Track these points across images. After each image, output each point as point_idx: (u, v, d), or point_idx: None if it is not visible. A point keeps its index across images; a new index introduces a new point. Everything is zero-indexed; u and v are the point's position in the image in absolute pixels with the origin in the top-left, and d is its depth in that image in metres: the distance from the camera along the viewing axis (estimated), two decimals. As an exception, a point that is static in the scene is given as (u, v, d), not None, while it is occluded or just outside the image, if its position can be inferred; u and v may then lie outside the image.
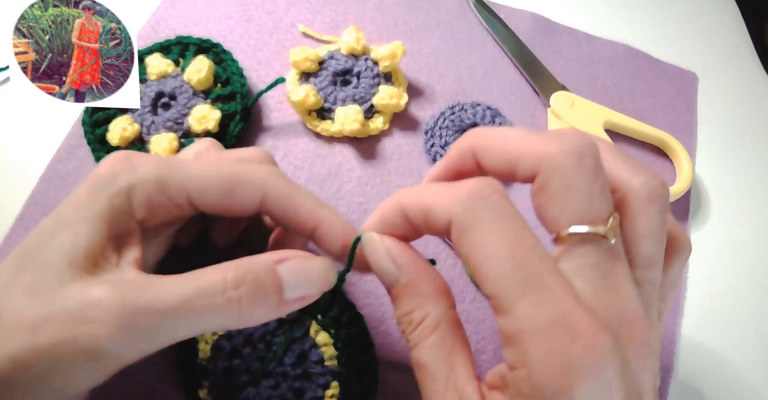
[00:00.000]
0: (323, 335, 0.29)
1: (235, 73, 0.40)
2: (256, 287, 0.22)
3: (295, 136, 0.41)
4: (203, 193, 0.25)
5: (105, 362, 0.21)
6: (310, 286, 0.23)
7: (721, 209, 0.42)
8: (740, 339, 0.37)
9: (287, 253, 0.24)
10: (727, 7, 0.53)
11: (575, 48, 0.47)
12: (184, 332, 0.22)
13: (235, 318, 0.22)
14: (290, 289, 0.23)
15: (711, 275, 0.39)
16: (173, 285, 0.21)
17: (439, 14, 0.48)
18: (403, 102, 0.40)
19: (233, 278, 0.22)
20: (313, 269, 0.24)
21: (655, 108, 0.45)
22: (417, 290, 0.22)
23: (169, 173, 0.24)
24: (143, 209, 0.24)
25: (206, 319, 0.21)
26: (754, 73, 0.49)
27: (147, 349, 0.21)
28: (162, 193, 0.24)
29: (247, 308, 0.22)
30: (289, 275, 0.23)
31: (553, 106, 0.42)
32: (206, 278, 0.22)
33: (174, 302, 0.21)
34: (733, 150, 0.45)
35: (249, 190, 0.25)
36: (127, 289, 0.21)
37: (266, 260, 0.23)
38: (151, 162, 0.25)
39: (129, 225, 0.24)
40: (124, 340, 0.20)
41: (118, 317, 0.20)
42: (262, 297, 0.22)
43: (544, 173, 0.20)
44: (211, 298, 0.21)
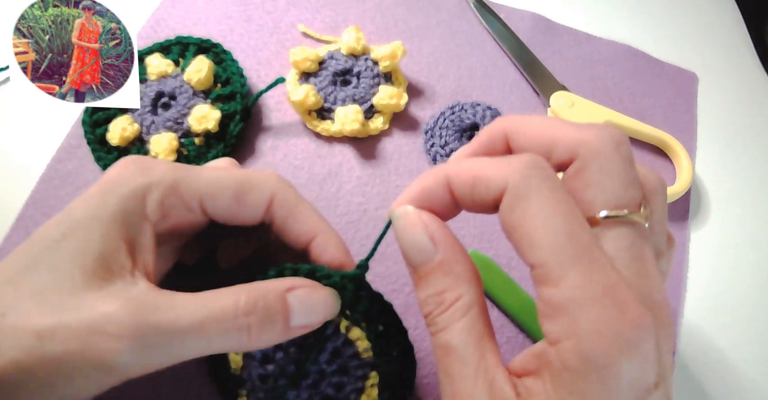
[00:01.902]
0: (355, 330, 0.28)
1: (235, 73, 0.40)
2: (266, 315, 0.22)
3: (295, 136, 0.41)
4: (215, 196, 0.25)
5: (111, 374, 0.21)
6: (316, 315, 0.24)
7: (721, 209, 0.42)
8: (740, 339, 0.37)
9: (297, 281, 0.24)
10: (727, 7, 0.53)
11: (575, 48, 0.47)
12: (193, 352, 0.22)
13: (243, 342, 0.22)
14: (297, 317, 0.23)
15: (711, 274, 0.39)
16: (187, 306, 0.22)
17: (439, 14, 0.48)
18: (403, 102, 0.40)
19: (245, 305, 0.22)
20: (320, 298, 0.24)
21: (655, 108, 0.45)
22: (452, 269, 0.22)
23: (183, 176, 0.25)
24: (157, 211, 0.24)
25: (215, 341, 0.22)
26: (754, 73, 0.49)
27: (155, 365, 0.22)
28: (175, 195, 0.24)
29: (255, 335, 0.22)
30: (297, 304, 0.23)
31: (553, 106, 0.42)
32: (219, 302, 0.22)
33: (186, 324, 0.21)
34: (733, 150, 0.45)
35: (259, 194, 0.26)
36: (141, 305, 0.21)
37: (277, 287, 0.23)
38: (164, 165, 0.25)
39: (142, 229, 0.24)
40: (132, 356, 0.20)
41: (131, 334, 0.20)
42: (270, 324, 0.23)
43: (582, 157, 0.21)
44: (222, 323, 0.21)
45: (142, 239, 0.24)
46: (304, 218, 0.27)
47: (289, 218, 0.27)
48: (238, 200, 0.26)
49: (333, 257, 0.27)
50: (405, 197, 0.24)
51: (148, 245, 0.24)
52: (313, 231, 0.27)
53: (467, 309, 0.21)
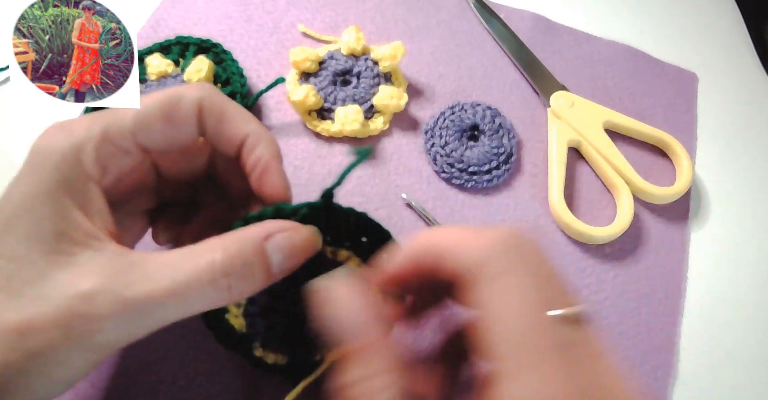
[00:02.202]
0: (341, 252, 0.28)
1: (235, 73, 0.40)
2: (245, 270, 0.22)
3: (295, 136, 0.41)
4: (145, 124, 0.24)
5: (99, 352, 0.21)
6: (297, 258, 0.23)
7: (721, 209, 0.42)
8: (741, 339, 0.37)
9: (272, 227, 0.23)
10: (727, 7, 0.53)
11: (575, 48, 0.47)
12: (174, 317, 0.21)
13: (224, 299, 0.22)
14: (278, 264, 0.23)
15: (711, 274, 0.39)
16: (162, 274, 0.21)
17: (439, 14, 0.48)
18: (403, 102, 0.40)
19: (222, 264, 0.21)
20: (300, 240, 0.23)
21: (655, 108, 0.45)
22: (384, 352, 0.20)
23: (108, 121, 0.24)
24: (95, 167, 0.23)
25: (196, 304, 0.21)
26: (754, 73, 0.49)
27: (138, 335, 0.21)
28: (107, 143, 0.23)
29: (236, 291, 0.22)
30: (277, 252, 0.22)
31: (553, 106, 0.42)
32: (194, 264, 0.21)
33: (164, 293, 0.20)
34: (733, 150, 0.45)
35: (185, 106, 0.25)
36: (115, 277, 0.20)
37: (254, 237, 0.22)
38: (85, 121, 0.24)
39: (89, 190, 0.22)
40: (115, 330, 0.20)
41: (109, 310, 0.20)
42: (250, 278, 0.22)
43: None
44: (200, 287, 0.21)
45: (93, 201, 0.22)
46: (233, 117, 0.26)
47: (220, 121, 0.26)
48: (168, 120, 0.24)
49: (260, 156, 0.26)
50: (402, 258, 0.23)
51: (101, 205, 0.23)
52: (244, 130, 0.26)
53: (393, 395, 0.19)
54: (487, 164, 0.40)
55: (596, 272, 0.38)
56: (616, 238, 0.38)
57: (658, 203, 0.40)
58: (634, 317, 0.37)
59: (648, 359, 0.36)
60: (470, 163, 0.40)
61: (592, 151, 0.41)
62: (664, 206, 0.41)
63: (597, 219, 0.40)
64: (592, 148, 0.41)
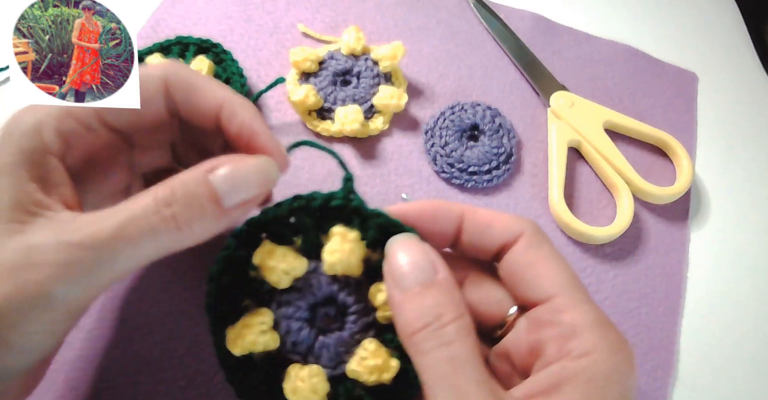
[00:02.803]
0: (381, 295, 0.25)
1: (235, 73, 0.40)
2: (188, 200, 0.21)
3: (295, 136, 0.41)
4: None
5: (54, 308, 0.20)
6: (249, 188, 0.23)
7: (721, 209, 0.42)
8: (741, 339, 0.37)
9: (219, 160, 0.23)
10: (727, 7, 0.53)
11: (575, 48, 0.47)
12: (126, 263, 0.21)
13: (175, 237, 0.21)
14: (228, 195, 0.22)
15: (711, 274, 0.39)
16: (106, 216, 0.21)
17: (439, 14, 0.48)
18: (403, 102, 0.40)
19: (163, 196, 0.21)
20: (248, 169, 0.23)
21: (655, 108, 0.45)
22: (452, 290, 0.22)
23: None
24: (56, 141, 0.23)
25: (145, 244, 0.21)
26: (754, 73, 0.49)
27: (92, 287, 0.21)
28: (69, 117, 0.23)
29: (185, 224, 0.21)
30: (223, 182, 0.22)
31: (553, 106, 0.42)
32: (137, 202, 0.21)
33: (108, 233, 0.20)
34: (733, 150, 0.45)
35: (150, 84, 0.24)
36: (62, 229, 0.20)
37: (196, 172, 0.22)
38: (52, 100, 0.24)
39: (48, 163, 0.23)
40: (68, 280, 0.20)
41: (56, 257, 0.20)
42: (198, 210, 0.21)
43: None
44: (144, 220, 0.20)
45: (51, 173, 0.23)
46: (202, 89, 0.25)
47: (189, 95, 0.25)
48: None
49: (242, 121, 0.25)
50: (414, 205, 0.24)
51: (60, 178, 0.23)
52: (217, 100, 0.25)
53: (471, 329, 0.21)
54: (487, 164, 0.40)
55: (596, 272, 0.38)
56: (616, 238, 0.38)
57: (658, 203, 0.40)
58: (634, 317, 0.37)
59: (648, 359, 0.36)
60: (470, 163, 0.40)
61: (592, 151, 0.41)
62: (664, 206, 0.41)
63: (597, 219, 0.40)
64: (592, 148, 0.41)
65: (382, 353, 0.24)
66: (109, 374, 0.31)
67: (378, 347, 0.24)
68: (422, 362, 0.21)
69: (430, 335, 0.21)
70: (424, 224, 0.25)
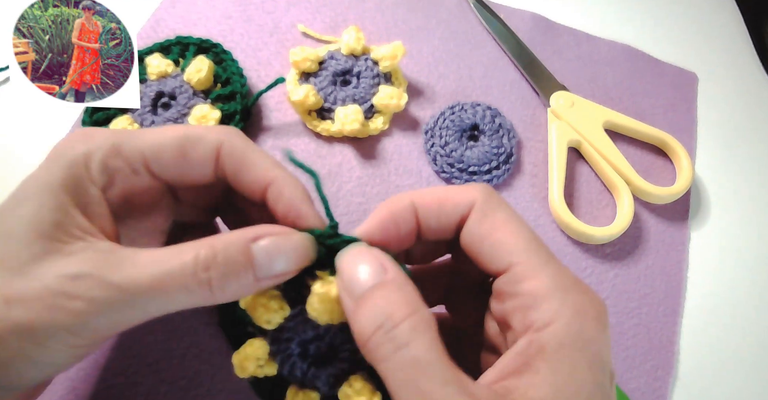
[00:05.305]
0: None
1: (235, 73, 0.40)
2: (226, 268, 0.22)
3: (295, 136, 0.41)
4: (159, 153, 0.24)
5: (82, 335, 0.21)
6: (287, 263, 0.23)
7: (721, 209, 0.42)
8: (740, 339, 0.37)
9: (264, 229, 0.23)
10: (727, 7, 0.53)
11: (575, 48, 0.47)
12: (157, 308, 0.22)
13: (206, 297, 0.22)
14: (265, 267, 0.22)
15: (711, 274, 0.39)
16: (147, 263, 0.21)
17: (439, 14, 0.48)
18: (403, 102, 0.40)
19: (204, 259, 0.21)
20: (290, 245, 0.23)
21: (655, 108, 0.45)
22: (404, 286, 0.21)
23: (124, 138, 0.24)
24: (101, 175, 0.23)
25: (178, 298, 0.21)
26: (754, 73, 0.49)
27: (121, 323, 0.22)
28: (118, 157, 0.24)
29: (218, 288, 0.22)
30: (263, 254, 0.22)
31: (553, 106, 0.42)
32: (179, 257, 0.21)
33: (147, 282, 0.21)
34: (733, 150, 0.45)
35: (203, 148, 0.25)
36: (102, 264, 0.21)
37: (239, 238, 0.22)
38: (106, 131, 0.25)
39: (91, 194, 0.23)
40: (100, 315, 0.21)
41: (94, 294, 0.20)
42: (234, 277, 0.22)
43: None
44: (181, 278, 0.21)
45: (93, 204, 0.23)
46: (254, 164, 0.25)
47: (239, 167, 0.25)
48: (183, 155, 0.24)
49: (289, 202, 0.25)
50: (373, 221, 0.24)
51: (101, 210, 0.23)
52: (266, 178, 0.25)
53: (429, 324, 0.20)
54: (487, 164, 0.40)
55: (596, 272, 0.38)
56: (616, 238, 0.38)
57: (658, 203, 0.40)
58: (634, 317, 0.37)
59: (648, 359, 0.36)
60: (470, 163, 0.40)
61: (592, 151, 0.41)
62: (664, 206, 0.41)
63: (597, 219, 0.40)
64: (592, 148, 0.41)
65: (366, 392, 0.24)
66: (109, 374, 0.31)
67: (363, 386, 0.24)
68: (383, 369, 0.20)
69: (385, 338, 0.20)
70: (391, 233, 0.24)
